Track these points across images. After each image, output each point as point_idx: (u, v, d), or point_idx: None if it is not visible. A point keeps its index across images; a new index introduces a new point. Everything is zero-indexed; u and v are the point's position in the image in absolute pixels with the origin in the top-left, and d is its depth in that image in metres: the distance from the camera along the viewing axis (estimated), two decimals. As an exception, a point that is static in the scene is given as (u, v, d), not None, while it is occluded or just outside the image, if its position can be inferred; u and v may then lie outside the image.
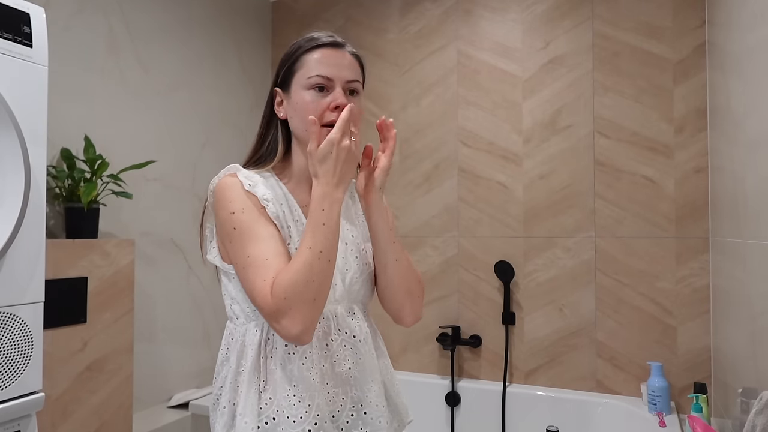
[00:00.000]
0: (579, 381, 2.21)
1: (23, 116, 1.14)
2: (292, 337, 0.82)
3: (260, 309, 0.84)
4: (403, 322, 1.04)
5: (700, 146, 2.07)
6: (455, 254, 2.44)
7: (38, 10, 1.20)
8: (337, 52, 0.94)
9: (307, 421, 0.87)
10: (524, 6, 2.34)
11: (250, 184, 0.92)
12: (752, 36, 1.46)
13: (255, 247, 0.86)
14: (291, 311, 0.80)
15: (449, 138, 2.46)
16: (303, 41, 0.96)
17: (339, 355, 0.94)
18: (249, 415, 0.87)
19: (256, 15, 2.78)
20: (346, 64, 0.94)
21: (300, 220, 0.96)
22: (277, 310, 0.81)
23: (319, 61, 0.93)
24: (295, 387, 0.88)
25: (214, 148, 2.47)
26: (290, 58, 0.96)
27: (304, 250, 0.83)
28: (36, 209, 1.17)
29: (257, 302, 0.84)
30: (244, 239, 0.87)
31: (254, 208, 0.90)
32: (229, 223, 0.89)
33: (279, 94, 0.98)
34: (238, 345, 0.93)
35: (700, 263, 2.05)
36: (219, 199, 0.91)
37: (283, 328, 0.81)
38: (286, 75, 0.96)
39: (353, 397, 0.94)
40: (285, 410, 0.87)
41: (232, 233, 0.89)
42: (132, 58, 2.08)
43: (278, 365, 0.90)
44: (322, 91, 0.92)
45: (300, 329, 0.81)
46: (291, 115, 0.95)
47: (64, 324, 1.58)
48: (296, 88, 0.94)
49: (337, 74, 0.92)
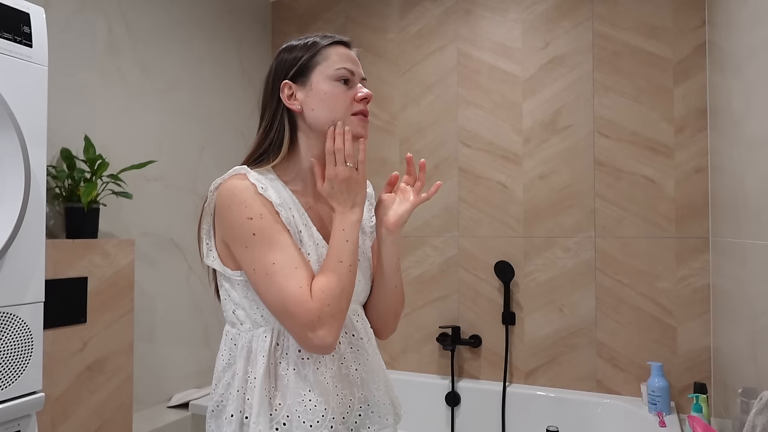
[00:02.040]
0: (579, 381, 2.21)
1: (23, 116, 1.14)
2: (324, 347, 0.83)
3: (296, 316, 0.82)
4: (380, 337, 1.07)
5: (700, 146, 2.07)
6: (455, 254, 2.44)
7: (38, 10, 1.20)
8: (350, 50, 1.00)
9: (324, 424, 0.88)
10: (524, 6, 2.34)
11: (262, 188, 0.89)
12: (752, 36, 1.46)
13: (280, 254, 0.85)
14: (331, 320, 0.83)
15: (449, 138, 2.46)
16: (317, 36, 0.98)
17: (346, 357, 0.95)
18: (263, 423, 0.86)
19: (256, 15, 2.78)
20: (358, 63, 1.00)
21: (308, 224, 0.95)
22: (318, 318, 0.82)
23: (342, 55, 0.97)
24: (310, 392, 0.88)
25: (214, 147, 2.47)
26: (308, 51, 0.96)
27: (336, 264, 0.87)
28: (36, 209, 1.17)
29: (292, 308, 0.82)
30: (265, 245, 0.86)
31: (271, 214, 0.88)
32: (246, 228, 0.86)
33: (291, 86, 0.96)
34: (244, 351, 0.91)
35: (700, 263, 2.05)
36: (231, 202, 0.88)
37: (318, 337, 0.82)
38: (303, 68, 0.96)
39: (360, 397, 0.95)
40: (301, 414, 0.87)
41: (250, 239, 0.86)
42: (132, 59, 2.08)
43: (290, 370, 0.89)
44: (347, 83, 0.96)
45: (333, 338, 0.84)
46: (313, 105, 0.95)
47: (64, 324, 1.58)
48: (319, 80, 0.95)
49: (357, 70, 0.98)
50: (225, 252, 0.92)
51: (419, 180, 1.03)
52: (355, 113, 0.95)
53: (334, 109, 0.94)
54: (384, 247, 1.01)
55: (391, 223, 0.99)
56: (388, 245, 1.00)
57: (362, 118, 0.96)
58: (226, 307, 0.95)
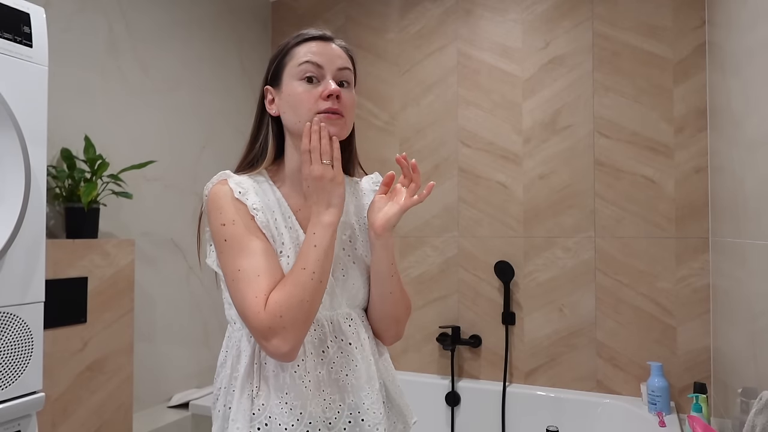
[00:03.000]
0: (579, 381, 2.21)
1: (23, 116, 1.14)
2: (279, 355, 0.82)
3: (249, 325, 0.83)
4: (383, 342, 1.05)
5: (700, 146, 2.07)
6: (455, 254, 2.44)
7: (38, 10, 1.20)
8: (326, 44, 0.95)
9: (299, 428, 0.87)
10: (524, 6, 2.34)
11: (240, 192, 0.90)
12: (752, 36, 1.46)
13: (245, 261, 0.86)
14: (284, 330, 0.81)
15: (449, 138, 2.46)
16: (291, 38, 0.96)
17: (336, 362, 0.93)
18: (241, 421, 0.87)
19: (256, 15, 2.78)
20: (336, 54, 0.95)
21: (293, 226, 0.95)
22: (269, 329, 0.81)
23: (308, 49, 0.93)
24: (287, 395, 0.88)
25: (214, 147, 2.47)
26: (279, 53, 0.96)
27: (298, 271, 0.84)
28: (36, 209, 1.17)
29: (247, 318, 0.83)
30: (234, 252, 0.87)
31: (244, 219, 0.89)
32: (220, 234, 0.89)
33: (270, 91, 0.97)
34: (234, 350, 0.94)
35: (700, 263, 2.05)
36: (211, 209, 0.91)
37: (271, 346, 0.82)
38: (276, 70, 0.96)
39: (350, 404, 0.93)
40: (277, 417, 0.87)
41: (222, 245, 0.88)
42: (132, 59, 2.08)
43: (271, 373, 0.90)
44: (311, 82, 0.92)
45: (289, 348, 0.82)
46: (284, 109, 0.94)
47: (64, 324, 1.58)
48: (287, 81, 0.93)
49: (327, 62, 0.93)
50: None
51: (414, 181, 0.96)
52: (320, 112, 0.90)
53: (297, 110, 0.91)
54: (373, 252, 0.97)
55: (378, 226, 0.94)
56: (378, 249, 0.95)
57: (329, 116, 0.90)
58: (225, 307, 0.98)
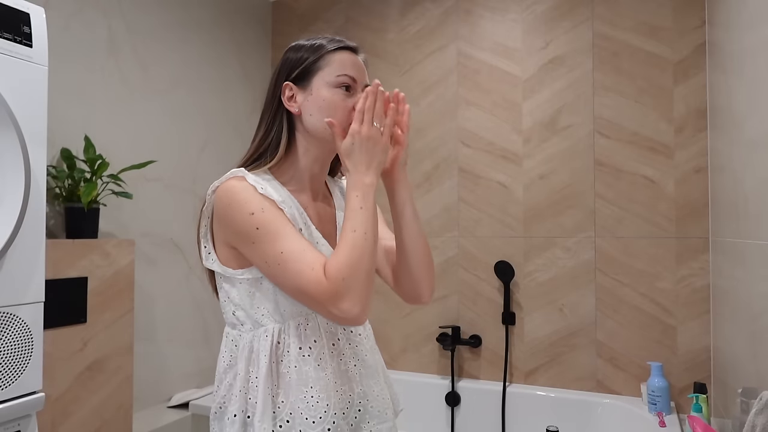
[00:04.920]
0: (579, 381, 2.21)
1: (23, 116, 1.14)
2: (351, 318, 0.82)
3: (313, 298, 0.83)
4: (421, 299, 1.04)
5: (700, 146, 2.07)
6: (455, 254, 2.43)
7: (38, 10, 1.20)
8: (356, 57, 0.98)
9: (326, 420, 0.89)
10: (524, 6, 2.34)
11: (261, 188, 0.90)
12: (752, 36, 1.46)
13: (286, 243, 0.85)
14: (350, 292, 0.81)
15: (449, 138, 2.46)
16: (324, 40, 0.97)
17: (345, 354, 0.96)
18: (267, 421, 0.87)
19: (256, 15, 2.78)
20: (364, 69, 0.99)
21: (307, 222, 0.96)
22: (336, 293, 0.81)
23: (345, 61, 0.96)
24: (312, 388, 0.89)
25: (214, 147, 2.47)
26: (312, 54, 0.96)
27: (349, 233, 0.85)
28: (36, 209, 1.17)
29: (308, 292, 0.83)
30: (271, 237, 0.86)
31: (273, 207, 0.89)
32: (249, 223, 0.87)
33: (291, 88, 0.96)
34: (245, 352, 0.92)
35: (700, 263, 2.05)
36: (231, 202, 0.88)
37: (342, 311, 0.81)
38: (305, 71, 0.96)
39: (359, 393, 0.96)
40: (303, 411, 0.88)
41: (255, 233, 0.86)
42: (132, 58, 2.08)
43: (292, 368, 0.90)
44: (348, 90, 0.95)
45: (360, 309, 0.82)
46: (311, 111, 0.95)
47: (64, 324, 1.58)
48: (320, 85, 0.94)
49: (360, 77, 0.97)
50: (225, 253, 0.92)
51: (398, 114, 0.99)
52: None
53: (331, 116, 0.93)
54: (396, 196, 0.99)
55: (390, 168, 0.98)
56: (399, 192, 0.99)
57: None
58: (225, 309, 0.96)
